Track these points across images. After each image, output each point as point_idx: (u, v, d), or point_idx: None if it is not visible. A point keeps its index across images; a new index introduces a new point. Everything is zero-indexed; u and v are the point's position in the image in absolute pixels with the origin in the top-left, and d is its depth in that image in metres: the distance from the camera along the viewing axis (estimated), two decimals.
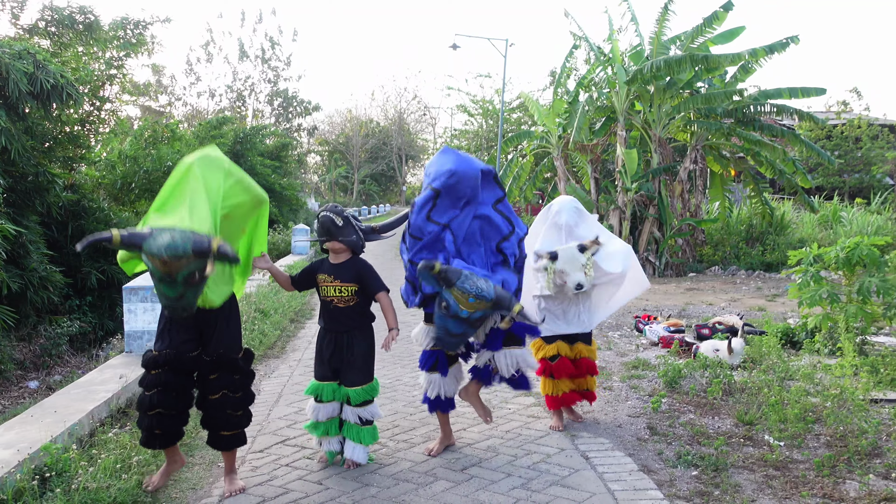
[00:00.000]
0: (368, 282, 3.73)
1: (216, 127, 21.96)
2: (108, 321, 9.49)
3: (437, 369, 3.88)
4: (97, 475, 3.39)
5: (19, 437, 3.71)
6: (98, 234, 2.99)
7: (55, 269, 8.38)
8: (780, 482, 3.38)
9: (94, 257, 9.61)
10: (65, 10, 10.75)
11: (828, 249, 6.18)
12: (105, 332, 9.27)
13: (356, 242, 3.73)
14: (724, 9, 13.09)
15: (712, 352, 5.64)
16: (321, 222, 3.69)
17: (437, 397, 3.90)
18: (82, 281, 9.31)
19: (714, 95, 13.10)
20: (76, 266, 9.32)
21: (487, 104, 29.63)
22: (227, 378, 3.39)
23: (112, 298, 9.65)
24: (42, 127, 9.75)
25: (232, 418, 3.41)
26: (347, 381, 3.72)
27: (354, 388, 3.70)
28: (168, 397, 3.32)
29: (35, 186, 9.02)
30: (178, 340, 3.34)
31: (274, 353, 6.75)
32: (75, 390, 4.60)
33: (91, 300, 9.42)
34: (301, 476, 3.66)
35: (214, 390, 3.37)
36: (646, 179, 13.82)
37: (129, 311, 5.78)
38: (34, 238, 8.23)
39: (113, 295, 9.63)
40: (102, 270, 9.50)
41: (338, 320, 3.75)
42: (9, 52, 7.97)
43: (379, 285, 3.76)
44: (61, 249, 9.22)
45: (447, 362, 3.89)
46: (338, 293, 3.73)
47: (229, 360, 3.40)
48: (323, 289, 3.77)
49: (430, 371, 3.90)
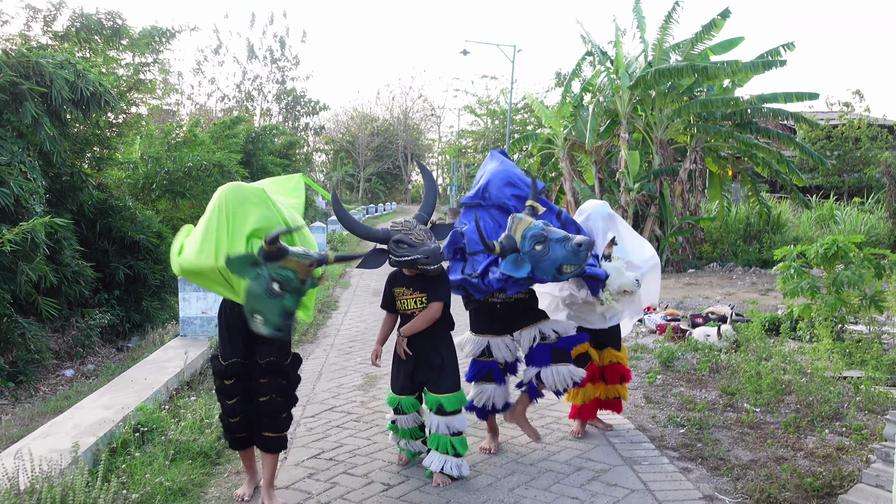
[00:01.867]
0: (433, 289, 3.62)
1: (230, 127, 22.65)
2: (134, 314, 9.88)
3: (490, 380, 3.92)
4: (184, 430, 4.09)
5: (113, 401, 4.41)
6: (320, 256, 3.03)
7: (86, 264, 8.75)
8: (753, 437, 4.08)
9: (122, 253, 10.08)
10: (94, 15, 11.09)
11: (809, 246, 6.86)
12: (132, 325, 9.73)
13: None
14: (722, 16, 13.75)
15: (703, 337, 6.33)
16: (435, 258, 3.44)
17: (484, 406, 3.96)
18: (110, 276, 9.68)
19: (713, 100, 13.76)
20: (104, 261, 9.71)
21: (494, 104, 30.25)
22: (277, 382, 3.42)
23: (138, 293, 10.06)
24: (75, 129, 10.38)
25: (277, 421, 3.46)
26: (440, 387, 3.63)
27: (447, 396, 3.63)
28: (245, 403, 3.44)
29: (70, 185, 9.55)
30: (241, 348, 3.40)
31: (307, 339, 7.46)
32: (147, 366, 5.31)
33: (118, 294, 9.83)
34: (351, 434, 4.36)
35: (263, 393, 3.40)
36: (647, 180, 14.50)
37: (183, 300, 6.47)
38: (67, 234, 8.57)
39: (138, 289, 10.05)
40: (129, 266, 9.91)
41: (420, 331, 3.66)
42: (52, 61, 8.54)
43: (440, 294, 3.63)
44: (90, 245, 9.61)
45: (502, 373, 3.94)
46: (418, 305, 3.66)
47: (280, 365, 3.43)
48: (402, 302, 3.71)
49: (479, 382, 3.96)
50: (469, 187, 30.93)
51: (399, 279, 3.73)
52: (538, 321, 3.90)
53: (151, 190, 15.02)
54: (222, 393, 3.46)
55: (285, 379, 3.48)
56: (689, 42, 14.25)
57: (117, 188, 13.29)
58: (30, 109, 7.95)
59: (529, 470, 3.77)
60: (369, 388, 5.38)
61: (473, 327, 3.99)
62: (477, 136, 32.02)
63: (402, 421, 3.76)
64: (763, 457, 3.81)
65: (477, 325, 3.97)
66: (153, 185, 14.99)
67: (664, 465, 3.79)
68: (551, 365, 3.81)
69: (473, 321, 4.00)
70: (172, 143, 16.04)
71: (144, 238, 10.30)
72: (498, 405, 3.97)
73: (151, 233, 10.65)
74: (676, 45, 14.52)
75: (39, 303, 7.72)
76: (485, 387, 3.93)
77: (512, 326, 3.92)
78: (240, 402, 3.42)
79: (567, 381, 3.84)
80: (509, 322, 3.91)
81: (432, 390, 3.64)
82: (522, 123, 28.42)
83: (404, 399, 3.72)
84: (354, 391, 5.34)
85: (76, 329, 8.77)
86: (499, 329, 3.93)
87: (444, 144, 48.16)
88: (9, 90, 7.92)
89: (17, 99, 8.05)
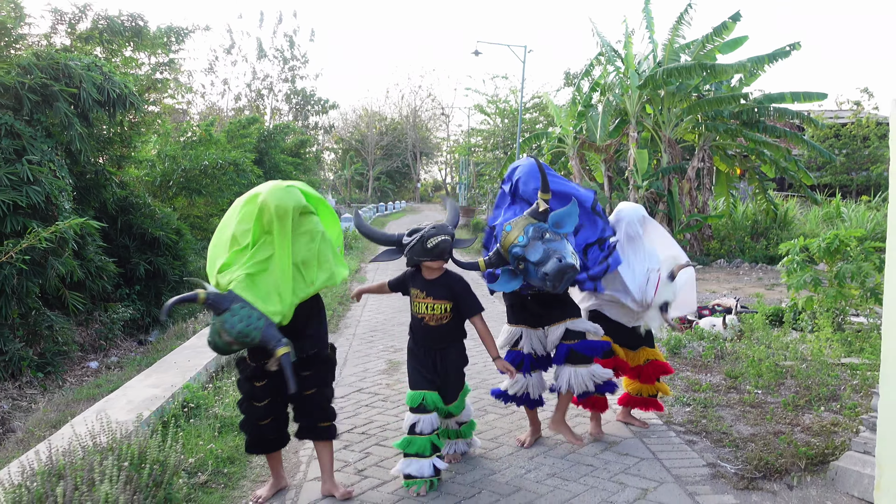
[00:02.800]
0: (463, 301, 3.58)
1: (244, 126, 23.05)
2: (154, 308, 10.10)
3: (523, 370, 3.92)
4: (227, 407, 4.43)
5: (160, 381, 4.76)
6: (184, 295, 3.02)
7: (108, 259, 8.95)
8: (754, 415, 4.38)
9: (142, 250, 10.38)
10: (117, 17, 11.36)
11: (812, 240, 7.14)
12: (151, 319, 9.98)
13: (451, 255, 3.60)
14: (733, 19, 13.97)
15: (709, 326, 6.62)
16: (442, 248, 3.45)
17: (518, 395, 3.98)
18: (131, 271, 10.00)
19: (721, 99, 14.02)
20: (126, 257, 10.00)
21: (504, 103, 30.52)
22: (320, 374, 3.42)
23: (157, 288, 10.33)
24: (103, 129, 10.73)
25: (327, 410, 3.46)
26: (451, 398, 3.66)
27: (454, 405, 3.68)
28: (278, 404, 3.40)
29: (93, 183, 9.88)
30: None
31: (329, 329, 7.78)
32: (185, 351, 5.67)
33: (139, 289, 10.07)
34: (380, 412, 4.68)
35: (309, 387, 3.37)
36: (656, 178, 14.77)
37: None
38: (91, 231, 8.73)
39: (158, 285, 10.34)
40: (150, 262, 10.22)
41: (430, 337, 3.62)
42: (80, 64, 8.77)
43: (475, 306, 3.58)
44: (112, 242, 9.89)
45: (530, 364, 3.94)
46: (430, 311, 3.58)
47: (322, 357, 3.42)
48: (415, 304, 3.64)
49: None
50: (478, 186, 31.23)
51: (417, 279, 3.65)
52: (567, 318, 3.88)
53: (168, 187, 15.26)
54: (251, 397, 3.35)
55: (327, 370, 3.46)
56: (700, 43, 14.50)
57: (135, 186, 13.61)
58: (62, 109, 8.29)
59: (546, 441, 4.08)
60: (393, 373, 5.71)
61: (508, 318, 4.04)
62: (486, 135, 32.30)
63: (424, 423, 3.52)
64: (763, 431, 4.10)
65: (511, 316, 4.02)
66: (170, 182, 15.22)
67: (671, 437, 4.09)
68: (568, 366, 3.82)
69: (509, 312, 4.05)
70: (188, 141, 16.39)
71: (164, 235, 10.61)
72: (533, 395, 3.96)
73: (170, 229, 10.96)
74: (686, 46, 14.78)
75: (67, 296, 7.99)
76: (518, 377, 3.91)
77: (542, 320, 3.92)
78: (271, 403, 3.34)
79: (588, 383, 3.81)
80: (539, 315, 3.91)
81: (444, 400, 3.63)
82: (532, 122, 28.69)
83: (429, 394, 3.57)
84: (379, 375, 5.67)
85: (99, 323, 9.06)
86: (531, 321, 3.94)
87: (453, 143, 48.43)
88: (39, 91, 8.21)
89: (46, 100, 8.33)
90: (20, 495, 2.78)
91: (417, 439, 3.51)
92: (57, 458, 3.02)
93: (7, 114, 7.82)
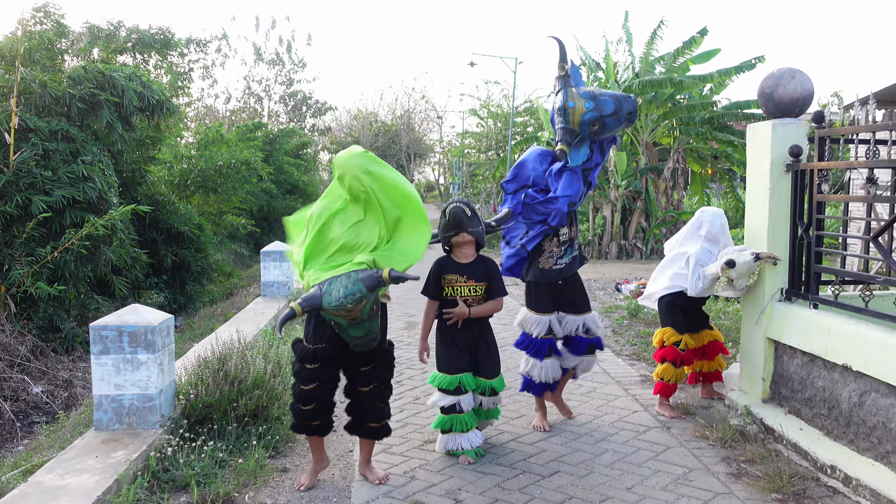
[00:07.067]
0: (497, 282, 3.80)
1: (252, 130, 24.12)
2: (179, 297, 11.10)
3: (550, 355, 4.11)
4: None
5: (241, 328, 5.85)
6: (285, 315, 3.12)
7: (141, 251, 9.69)
8: None
9: (168, 243, 11.29)
10: (149, 31, 12.49)
11: None
12: (178, 306, 10.93)
13: (482, 234, 3.75)
14: (701, 34, 15.28)
15: None
16: (454, 214, 3.62)
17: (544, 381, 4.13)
18: (159, 262, 10.84)
19: (693, 106, 15.31)
20: (154, 249, 10.94)
21: (496, 108, 31.74)
22: (379, 370, 3.42)
23: (182, 278, 11.26)
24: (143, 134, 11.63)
25: (379, 409, 3.47)
26: (488, 373, 3.79)
27: (497, 380, 3.83)
28: (325, 390, 3.40)
29: (131, 181, 10.99)
30: (329, 334, 3.34)
31: None
32: (245, 315, 7.03)
33: (166, 279, 10.92)
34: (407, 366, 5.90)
35: (366, 382, 3.39)
36: (634, 178, 16.07)
37: (264, 268, 8.12)
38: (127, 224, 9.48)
39: (182, 275, 11.29)
40: (176, 254, 11.02)
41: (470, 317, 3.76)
42: (122, 74, 9.84)
43: (503, 289, 3.82)
44: (142, 235, 10.75)
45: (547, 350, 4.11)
46: (473, 293, 3.73)
47: (382, 351, 3.42)
48: (455, 289, 3.74)
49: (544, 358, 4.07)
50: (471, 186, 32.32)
51: (449, 266, 3.78)
52: (585, 312, 4.19)
53: (186, 186, 16.25)
54: (300, 378, 3.38)
55: (387, 366, 3.47)
56: (672, 55, 15.81)
57: (158, 185, 14.63)
58: (106, 116, 9.42)
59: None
60: (411, 330, 7.03)
61: (537, 307, 4.12)
62: (479, 138, 33.47)
63: (465, 401, 3.70)
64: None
65: (540, 305, 4.12)
66: (188, 181, 16.19)
67: (618, 361, 5.59)
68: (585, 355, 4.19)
69: (537, 300, 4.14)
70: (202, 142, 17.43)
71: (188, 229, 11.55)
72: (549, 380, 4.12)
73: (193, 224, 11.91)
74: (661, 58, 16.10)
75: (114, 281, 8.95)
76: (545, 363, 4.06)
77: (567, 306, 4.14)
78: (318, 388, 3.36)
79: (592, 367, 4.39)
80: (565, 301, 4.14)
81: (486, 376, 3.77)
82: (523, 126, 29.93)
83: (465, 376, 3.70)
84: (401, 331, 6.99)
85: None
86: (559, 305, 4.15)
87: (446, 145, 49.56)
88: (87, 100, 9.27)
89: (93, 107, 9.37)
90: (203, 366, 3.97)
91: (459, 416, 3.70)
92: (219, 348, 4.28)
93: (62, 120, 8.84)
